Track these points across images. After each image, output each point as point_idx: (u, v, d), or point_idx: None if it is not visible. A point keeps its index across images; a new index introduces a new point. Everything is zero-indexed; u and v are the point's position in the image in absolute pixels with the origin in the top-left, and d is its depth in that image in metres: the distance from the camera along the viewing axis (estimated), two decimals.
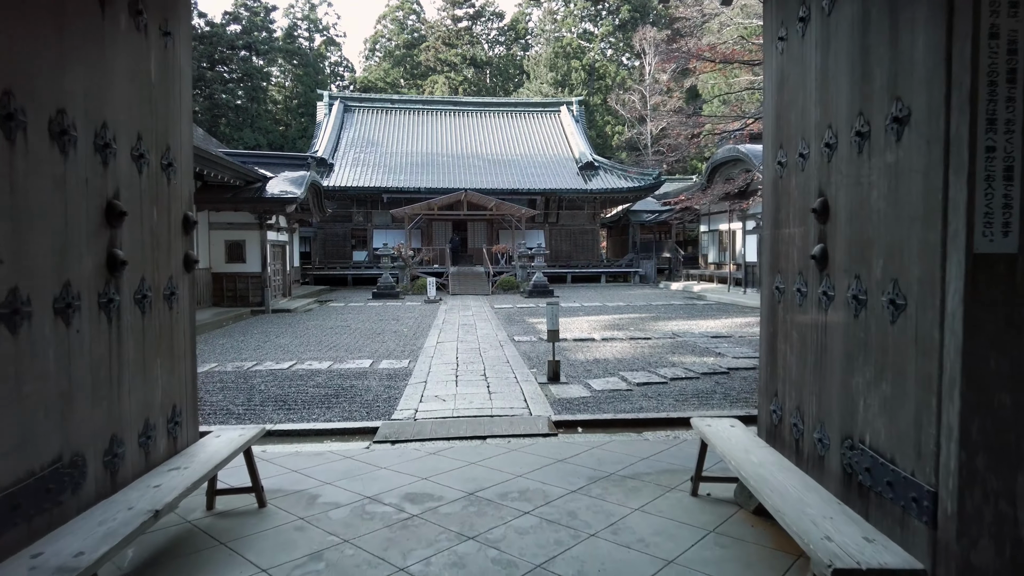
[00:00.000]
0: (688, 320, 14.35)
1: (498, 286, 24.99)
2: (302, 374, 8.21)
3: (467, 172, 31.12)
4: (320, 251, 31.39)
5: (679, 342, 10.86)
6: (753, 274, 21.36)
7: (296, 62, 59.68)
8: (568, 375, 7.94)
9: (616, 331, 12.39)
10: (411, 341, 11.29)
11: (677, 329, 12.68)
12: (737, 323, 13.74)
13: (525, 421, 5.70)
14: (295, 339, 11.72)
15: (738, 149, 18.35)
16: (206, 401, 6.69)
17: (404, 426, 5.62)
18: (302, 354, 9.91)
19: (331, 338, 11.80)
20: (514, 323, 14.09)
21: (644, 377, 7.73)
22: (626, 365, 8.63)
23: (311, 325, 14.08)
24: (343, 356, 9.66)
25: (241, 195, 17.49)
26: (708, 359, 9.09)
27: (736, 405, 6.47)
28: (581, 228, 33.06)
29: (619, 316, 15.34)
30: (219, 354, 10.04)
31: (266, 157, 20.30)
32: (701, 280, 28.17)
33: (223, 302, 18.25)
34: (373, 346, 10.74)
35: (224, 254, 18.40)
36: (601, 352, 9.81)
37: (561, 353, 9.39)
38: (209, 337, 12.24)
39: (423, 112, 37.12)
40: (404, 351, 10.16)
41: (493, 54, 68.28)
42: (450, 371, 8.25)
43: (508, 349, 10.05)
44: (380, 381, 7.70)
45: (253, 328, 13.70)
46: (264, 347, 10.73)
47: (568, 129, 35.85)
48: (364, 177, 29.69)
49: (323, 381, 7.72)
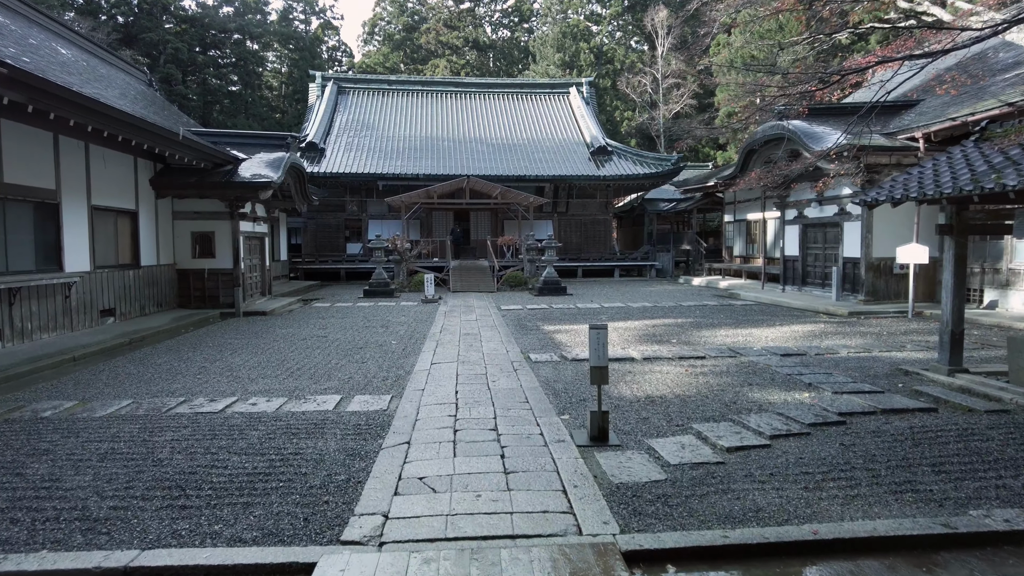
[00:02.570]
0: (737, 328, 11.89)
1: (504, 282, 22.54)
2: (236, 423, 5.78)
3: (470, 158, 28.59)
4: (312, 243, 28.93)
5: (745, 364, 8.40)
6: (794, 270, 18.87)
7: (292, 46, 57.12)
8: (619, 428, 5.50)
9: (656, 344, 9.94)
10: (399, 361, 8.85)
11: (732, 342, 10.22)
12: (799, 333, 11.27)
13: (572, 553, 3.27)
14: (253, 357, 9.29)
15: (783, 126, 15.83)
16: (59, 487, 4.27)
17: (359, 565, 3.19)
18: (251, 383, 7.49)
19: (298, 356, 9.37)
20: (526, 331, 11.66)
21: (731, 433, 5.29)
22: (694, 407, 6.18)
23: (281, 335, 11.65)
24: (304, 388, 7.24)
25: (207, 179, 15.03)
26: (801, 395, 6.64)
27: (905, 493, 4.04)
28: (592, 218, 30.53)
29: (651, 321, 12.89)
30: (145, 382, 7.63)
31: (241, 137, 17.81)
32: (726, 275, 25.66)
33: (190, 303, 15.85)
34: (348, 369, 8.30)
35: (191, 248, 15.97)
36: (650, 382, 7.35)
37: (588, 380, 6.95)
38: (151, 352, 9.82)
39: (423, 94, 34.53)
40: (387, 378, 7.72)
41: (497, 37, 65.51)
42: (446, 419, 5.81)
43: (524, 376, 7.60)
44: (343, 441, 5.26)
45: (209, 339, 11.28)
46: (208, 371, 8.30)
47: (578, 112, 33.25)
48: (358, 163, 27.19)
49: (259, 441, 5.28)
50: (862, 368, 8.00)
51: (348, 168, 26.62)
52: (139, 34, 42.44)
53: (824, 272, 17.47)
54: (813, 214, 17.65)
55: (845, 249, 16.17)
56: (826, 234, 17.31)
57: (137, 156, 13.81)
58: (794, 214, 18.67)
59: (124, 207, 13.40)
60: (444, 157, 28.50)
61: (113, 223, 13.02)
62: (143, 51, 43.88)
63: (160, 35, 43.25)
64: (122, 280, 13.17)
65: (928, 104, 16.24)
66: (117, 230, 13.17)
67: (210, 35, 49.52)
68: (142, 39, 42.72)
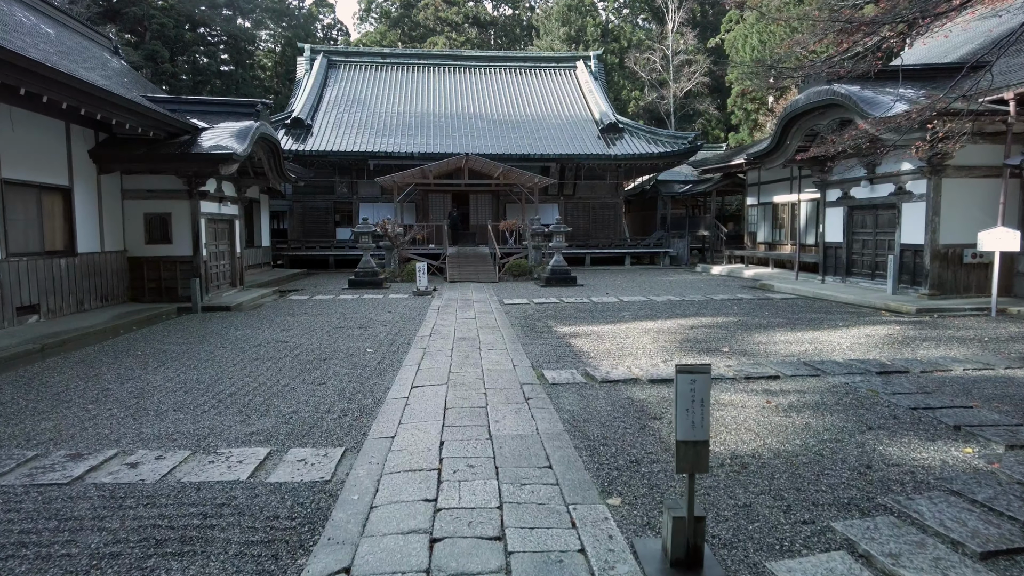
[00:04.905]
0: (794, 330, 9.67)
1: (506, 271, 20.30)
2: (78, 513, 3.57)
3: (469, 135, 26.23)
4: (298, 228, 26.68)
5: (839, 389, 6.18)
6: (836, 258, 16.61)
7: (285, 24, 54.56)
8: (709, 530, 3.29)
9: (705, 355, 7.73)
10: (369, 382, 6.64)
11: (799, 351, 8.00)
12: (875, 337, 9.04)
13: None
14: (182, 372, 7.09)
15: (834, 90, 13.50)
16: None
17: None
18: (155, 421, 5.29)
19: (241, 372, 7.16)
20: (536, 334, 9.44)
21: (909, 546, 3.04)
22: (814, 480, 3.93)
23: (234, 339, 9.43)
24: (223, 431, 5.03)
25: (158, 151, 12.75)
26: (959, 450, 4.43)
27: None
28: (601, 201, 28.22)
29: (685, 321, 10.67)
30: (3, 417, 5.43)
31: (204, 105, 15.49)
32: (749, 263, 23.41)
33: (144, 296, 13.64)
34: (298, 395, 6.10)
35: (143, 232, 13.72)
36: (725, 424, 5.13)
37: (634, 417, 4.75)
38: (57, 364, 7.60)
39: (419, 68, 32.05)
40: (346, 413, 5.51)
41: (498, 14, 62.73)
42: (420, 506, 3.60)
43: (541, 412, 5.38)
44: (239, 560, 3.06)
45: (143, 345, 9.07)
46: (109, 397, 6.10)
47: (586, 87, 30.81)
48: (348, 140, 24.84)
49: (89, 563, 3.08)
50: (1006, 396, 5.80)
51: (336, 146, 24.30)
52: (122, 8, 39.86)
53: (874, 261, 15.21)
54: (862, 194, 15.36)
55: (903, 234, 13.90)
56: (878, 217, 15.04)
57: (70, 122, 11.53)
58: (837, 195, 16.37)
59: (52, 182, 11.13)
60: (441, 134, 26.15)
61: (35, 202, 10.75)
62: (127, 27, 41.34)
63: (144, 9, 40.66)
64: (49, 270, 10.94)
65: (1006, 65, 13.87)
66: (42, 210, 10.91)
67: (198, 11, 46.92)
68: (125, 14, 40.18)
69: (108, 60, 17.99)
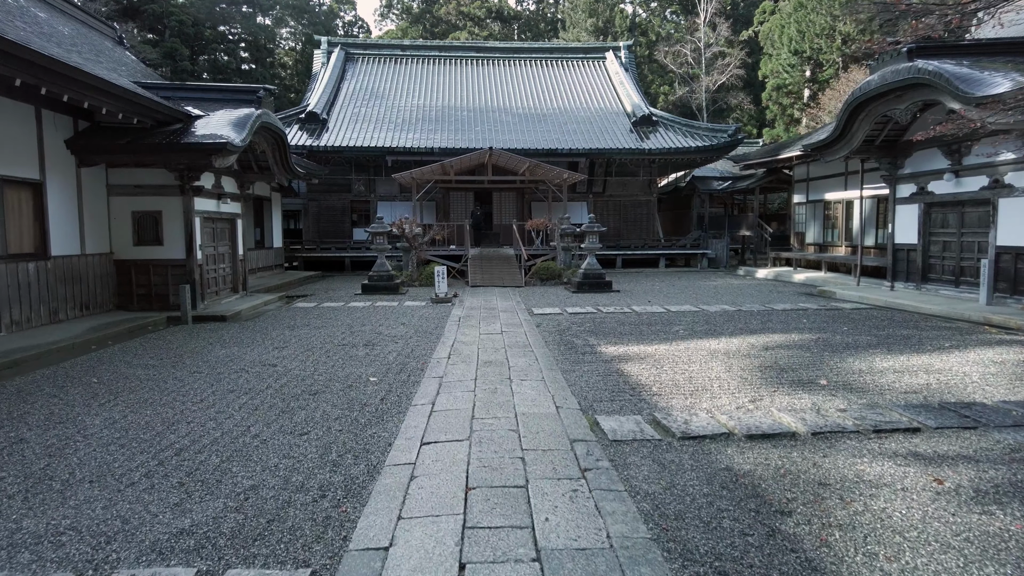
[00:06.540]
0: (892, 354, 7.84)
1: (533, 274, 18.63)
2: None
3: (493, 129, 24.58)
4: (313, 228, 25.24)
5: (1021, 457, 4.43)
6: (909, 262, 14.65)
7: (306, 20, 53.63)
8: None
9: (798, 390, 5.98)
10: (365, 432, 5.01)
11: (919, 385, 6.21)
12: (1006, 365, 7.19)
13: None
14: (131, 414, 5.53)
15: (920, 68, 11.60)
16: None
17: None
18: (50, 508, 3.70)
19: (204, 414, 5.57)
20: (577, 356, 7.75)
21: None
22: None
23: (214, 360, 7.87)
24: (148, 520, 3.43)
25: (143, 141, 11.29)
26: None
27: None
28: (633, 199, 26.38)
29: (753, 340, 8.89)
30: None
31: (200, 91, 14.03)
32: (798, 266, 21.44)
33: (132, 304, 12.22)
34: (268, 455, 4.48)
35: (132, 232, 12.30)
36: (912, 543, 3.42)
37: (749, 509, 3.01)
38: None
39: (440, 61, 30.48)
40: (328, 488, 3.88)
41: (522, 8, 61.09)
42: None
43: (606, 496, 3.68)
44: None
45: (106, 368, 7.55)
46: (7, 458, 4.55)
47: (616, 78, 29.02)
48: (365, 135, 23.33)
49: None
50: None
51: (353, 141, 22.80)
52: (141, 5, 38.93)
53: (959, 266, 13.24)
54: (943, 189, 13.39)
55: (1000, 235, 11.93)
56: (964, 215, 13.06)
57: (40, 106, 10.10)
58: (911, 190, 14.40)
59: (18, 176, 9.71)
60: (463, 129, 24.54)
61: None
62: (147, 25, 40.45)
63: (163, 6, 39.70)
64: (15, 276, 9.51)
65: None
66: (4, 207, 9.49)
67: (219, 8, 45.99)
68: (144, 11, 39.26)
69: (109, 49, 16.71)
